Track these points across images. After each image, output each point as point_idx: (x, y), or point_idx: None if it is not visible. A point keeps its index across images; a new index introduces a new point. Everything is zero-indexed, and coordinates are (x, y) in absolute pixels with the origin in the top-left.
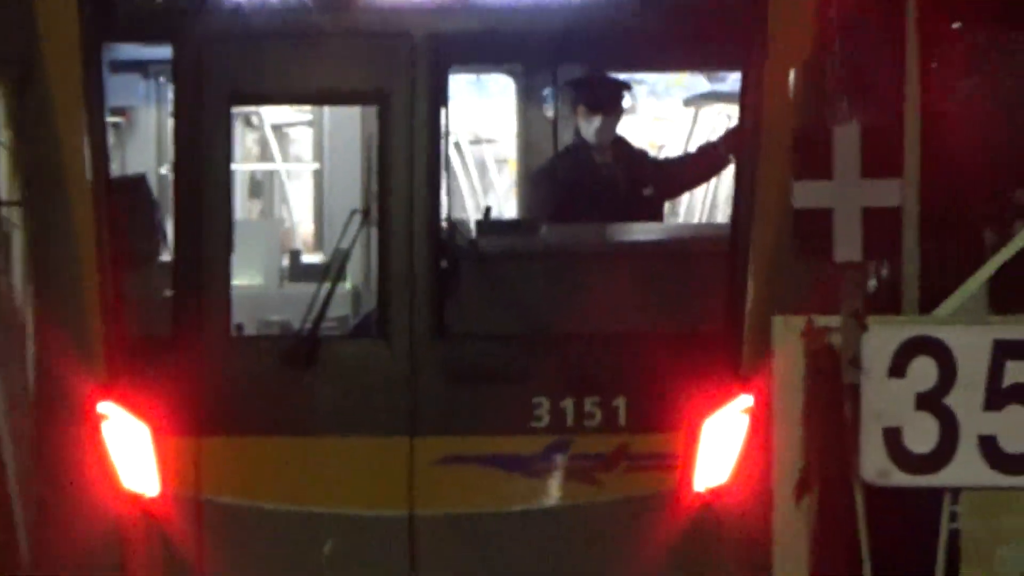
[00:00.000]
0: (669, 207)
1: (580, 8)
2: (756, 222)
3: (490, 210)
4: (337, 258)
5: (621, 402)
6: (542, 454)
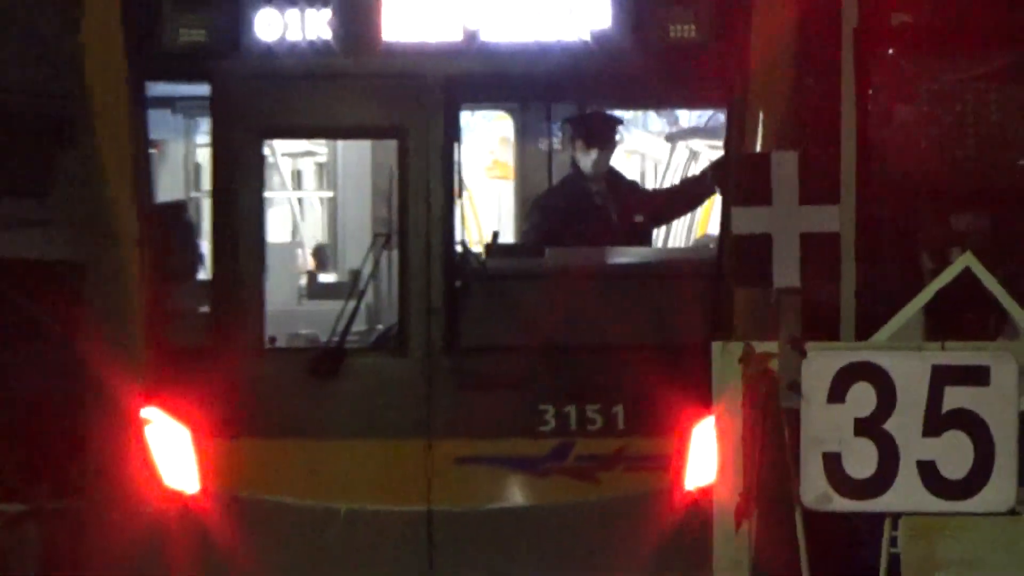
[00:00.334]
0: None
1: (577, 53)
2: None
3: (497, 234)
4: (360, 278)
5: (619, 409)
6: (548, 456)
